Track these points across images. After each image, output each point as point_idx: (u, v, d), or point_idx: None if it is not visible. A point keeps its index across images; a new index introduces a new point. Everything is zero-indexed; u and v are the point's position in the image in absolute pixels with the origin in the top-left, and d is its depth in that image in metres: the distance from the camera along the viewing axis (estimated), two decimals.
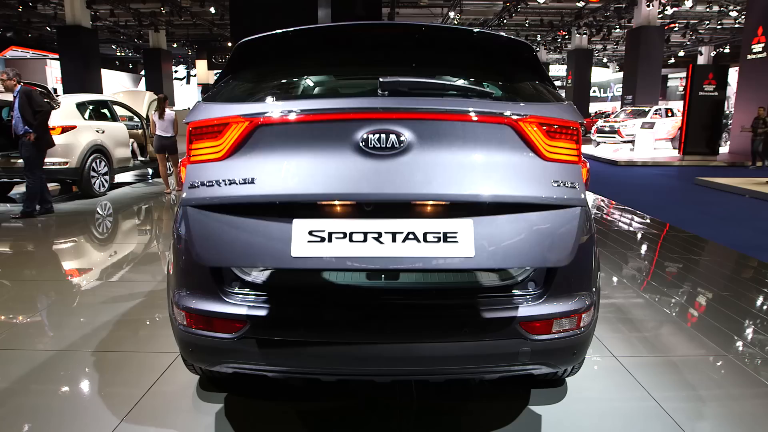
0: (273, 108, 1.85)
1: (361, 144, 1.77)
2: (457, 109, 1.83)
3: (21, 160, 7.55)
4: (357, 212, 1.81)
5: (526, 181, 1.80)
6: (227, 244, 1.74)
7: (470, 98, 2.05)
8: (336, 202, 1.82)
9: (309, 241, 1.70)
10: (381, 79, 1.88)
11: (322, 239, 1.70)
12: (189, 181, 1.86)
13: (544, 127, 1.86)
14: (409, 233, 1.71)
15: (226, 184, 1.79)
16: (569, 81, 30.49)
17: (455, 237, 1.71)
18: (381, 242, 1.70)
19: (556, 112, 1.91)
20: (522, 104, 1.92)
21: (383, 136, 1.76)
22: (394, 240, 1.70)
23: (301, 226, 1.73)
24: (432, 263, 1.68)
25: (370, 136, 1.76)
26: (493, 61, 2.38)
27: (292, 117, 1.81)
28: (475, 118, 1.82)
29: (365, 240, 1.70)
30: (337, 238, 1.70)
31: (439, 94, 2.00)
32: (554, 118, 1.88)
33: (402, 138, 1.77)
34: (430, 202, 1.81)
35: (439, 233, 1.71)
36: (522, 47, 2.30)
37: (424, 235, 1.71)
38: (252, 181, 1.77)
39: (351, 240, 1.70)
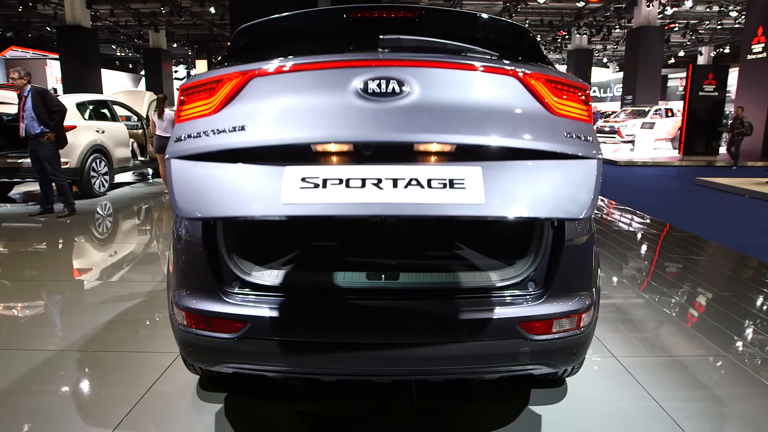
0: (269, 63, 1.74)
1: (359, 91, 1.64)
2: (462, 60, 1.72)
3: (21, 160, 7.57)
4: (354, 158, 1.67)
5: (537, 131, 1.65)
6: (211, 194, 1.60)
7: (474, 57, 2.00)
8: (331, 147, 1.67)
9: (301, 188, 1.56)
10: (381, 36, 1.79)
11: (316, 185, 1.56)
12: (175, 136, 1.71)
13: (552, 84, 1.75)
14: (412, 179, 1.57)
15: (214, 134, 1.65)
16: None
17: (462, 183, 1.56)
18: (381, 188, 1.55)
19: (562, 74, 1.83)
20: (528, 64, 1.83)
21: (383, 82, 1.64)
22: (395, 186, 1.55)
23: (292, 173, 1.59)
24: (438, 210, 1.52)
25: (370, 82, 1.63)
26: (496, 43, 2.37)
27: (288, 67, 1.71)
28: (481, 69, 1.71)
29: (363, 186, 1.55)
30: (332, 184, 1.56)
31: (442, 52, 1.91)
32: (562, 78, 1.79)
33: (404, 85, 1.64)
34: (435, 147, 1.67)
35: (445, 179, 1.57)
36: (522, 31, 2.30)
37: (429, 181, 1.56)
38: (242, 129, 1.64)
39: (347, 186, 1.55)
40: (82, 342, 3.20)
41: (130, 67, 37.34)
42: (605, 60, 40.70)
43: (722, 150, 17.09)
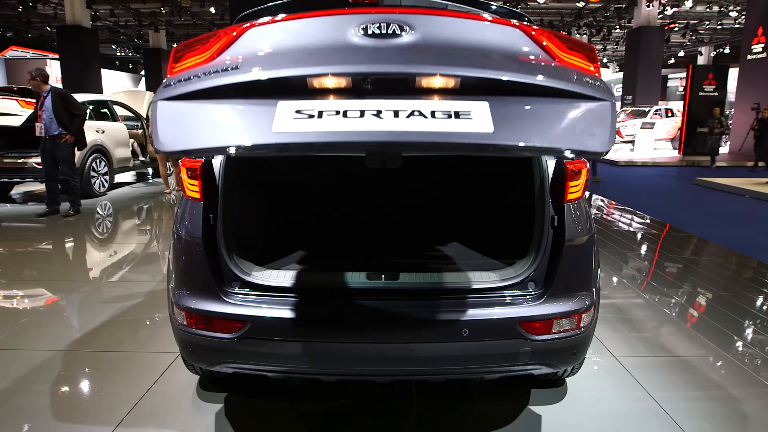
0: (266, 16, 1.69)
1: (359, 31, 1.57)
2: (467, 8, 1.67)
3: (24, 160, 7.56)
4: (353, 93, 1.56)
5: (545, 72, 1.57)
6: (197, 127, 1.50)
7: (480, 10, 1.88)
8: (328, 81, 1.55)
9: (295, 118, 1.45)
10: None
11: (311, 116, 1.46)
12: (164, 84, 1.61)
13: (558, 39, 1.69)
14: (414, 110, 1.46)
15: (206, 75, 1.56)
16: None
17: (469, 115, 1.46)
18: (381, 118, 1.44)
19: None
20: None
21: (384, 25, 1.57)
22: (396, 116, 1.45)
23: (286, 106, 1.48)
24: (443, 138, 1.41)
25: (371, 26, 1.57)
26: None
27: (286, 16, 1.66)
28: (488, 18, 1.67)
29: (362, 116, 1.44)
30: (328, 114, 1.45)
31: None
32: (568, 36, 1.74)
33: (406, 28, 1.58)
34: (439, 82, 1.56)
35: (450, 111, 1.47)
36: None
37: (432, 113, 1.46)
38: (235, 68, 1.55)
39: (345, 116, 1.45)
40: (82, 342, 3.20)
41: (130, 67, 37.32)
42: (605, 60, 40.69)
43: (722, 150, 17.08)
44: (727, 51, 31.28)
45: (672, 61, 34.29)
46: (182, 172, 2.13)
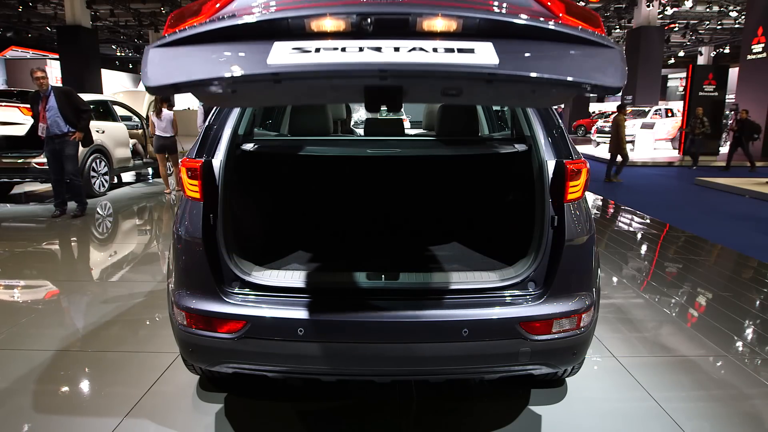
0: None
1: None
2: None
3: (22, 160, 7.55)
4: (353, 34, 1.50)
5: (555, 23, 1.51)
6: (187, 62, 1.44)
7: None
8: (327, 21, 1.49)
9: (291, 53, 1.40)
10: None
11: (308, 52, 1.41)
12: (159, 39, 1.55)
13: (561, 2, 1.64)
14: (416, 47, 1.41)
15: (199, 25, 1.50)
16: None
17: (473, 51, 1.41)
18: (381, 52, 1.40)
19: None
20: None
21: None
22: (397, 50, 1.40)
23: (282, 45, 1.43)
24: (446, 67, 1.36)
25: None
26: None
27: None
28: None
29: (361, 51, 1.40)
30: (326, 50, 1.40)
31: None
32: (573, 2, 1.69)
33: None
34: (441, 22, 1.49)
35: (453, 48, 1.42)
36: None
37: (434, 49, 1.41)
38: (232, 16, 1.50)
39: (343, 51, 1.40)
40: (82, 342, 3.20)
41: (130, 67, 37.32)
42: None
43: (722, 150, 17.08)
44: (727, 51, 31.28)
45: (672, 61, 34.28)
46: (182, 172, 2.13)
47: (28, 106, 7.10)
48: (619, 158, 10.93)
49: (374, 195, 3.24)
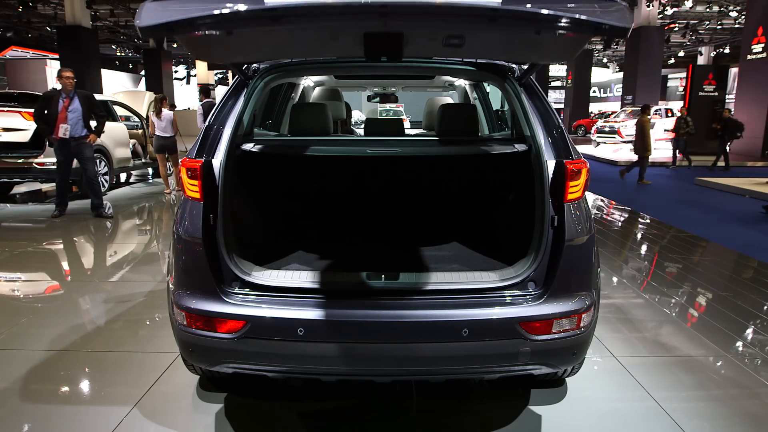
0: None
1: None
2: None
3: (22, 161, 7.55)
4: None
5: None
6: (183, 4, 1.45)
7: None
8: None
9: None
10: None
11: None
12: None
13: None
14: None
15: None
16: (569, 81, 30.46)
17: None
18: None
19: None
20: None
21: None
22: None
23: None
24: (450, 2, 1.36)
25: None
26: None
27: None
28: None
29: None
30: None
31: None
32: None
33: None
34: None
35: None
36: None
37: None
38: None
39: None
40: (82, 342, 3.20)
41: (130, 67, 37.32)
42: (605, 60, 40.69)
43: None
44: (727, 51, 31.28)
45: (672, 61, 34.29)
46: (182, 172, 2.13)
47: (31, 110, 7.08)
48: (635, 158, 10.99)
49: (374, 195, 3.24)
